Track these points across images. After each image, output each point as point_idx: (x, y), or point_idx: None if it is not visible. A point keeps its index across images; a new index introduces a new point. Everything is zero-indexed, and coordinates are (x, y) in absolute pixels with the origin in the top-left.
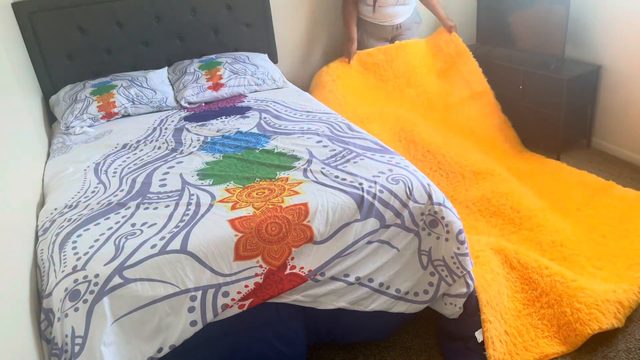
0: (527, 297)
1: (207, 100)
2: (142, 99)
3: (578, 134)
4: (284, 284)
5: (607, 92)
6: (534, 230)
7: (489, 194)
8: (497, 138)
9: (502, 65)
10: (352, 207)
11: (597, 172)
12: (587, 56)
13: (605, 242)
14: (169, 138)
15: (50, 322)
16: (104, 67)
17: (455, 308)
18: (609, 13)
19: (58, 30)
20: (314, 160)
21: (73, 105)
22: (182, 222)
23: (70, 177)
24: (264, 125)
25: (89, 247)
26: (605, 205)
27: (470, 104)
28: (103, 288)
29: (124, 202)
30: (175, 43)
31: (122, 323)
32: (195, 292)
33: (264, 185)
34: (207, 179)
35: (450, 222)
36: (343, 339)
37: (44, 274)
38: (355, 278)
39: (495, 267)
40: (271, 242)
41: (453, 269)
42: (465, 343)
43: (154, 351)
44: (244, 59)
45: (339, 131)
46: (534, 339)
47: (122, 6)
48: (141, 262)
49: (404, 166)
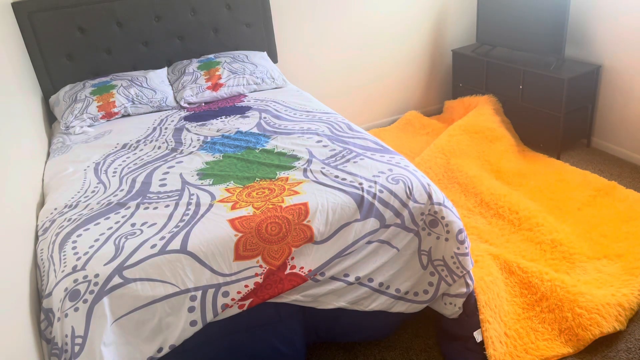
0: (527, 301)
1: (207, 100)
2: (142, 99)
3: (578, 134)
4: (284, 284)
5: (607, 92)
6: (533, 230)
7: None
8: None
9: (502, 65)
10: (352, 207)
11: (597, 172)
12: (587, 56)
13: (605, 242)
14: (169, 138)
15: (50, 322)
16: (104, 67)
17: (455, 308)
18: (609, 13)
19: (58, 30)
20: (314, 160)
21: (73, 105)
22: (182, 222)
23: (70, 177)
24: (264, 125)
25: (89, 247)
26: (606, 205)
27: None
28: (103, 288)
29: (124, 202)
30: (175, 43)
31: (122, 323)
32: (195, 292)
33: (264, 185)
34: (207, 179)
35: (450, 222)
36: (343, 338)
37: (44, 274)
38: (355, 278)
39: (494, 271)
40: (271, 242)
41: (453, 269)
42: (465, 343)
43: (154, 351)
44: (242, 58)
45: (339, 131)
46: (534, 342)
47: (122, 6)
48: (141, 262)
49: (404, 166)
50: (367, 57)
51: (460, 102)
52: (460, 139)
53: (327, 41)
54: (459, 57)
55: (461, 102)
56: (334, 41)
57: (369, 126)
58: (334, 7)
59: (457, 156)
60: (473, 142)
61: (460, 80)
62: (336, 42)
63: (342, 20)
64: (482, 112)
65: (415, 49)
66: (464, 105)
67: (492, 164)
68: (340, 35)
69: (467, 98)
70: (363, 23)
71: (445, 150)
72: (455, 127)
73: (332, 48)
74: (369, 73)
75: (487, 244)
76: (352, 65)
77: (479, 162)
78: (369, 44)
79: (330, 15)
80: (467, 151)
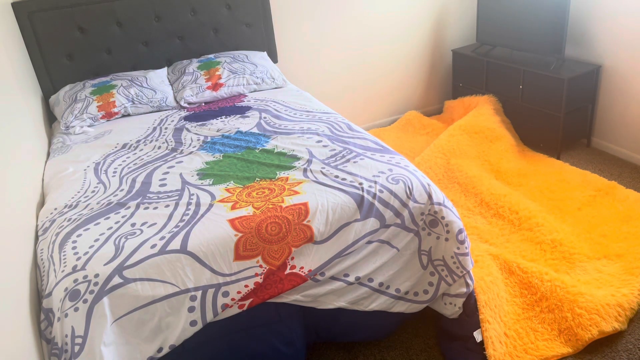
0: (526, 302)
1: (207, 100)
2: (142, 99)
3: (578, 134)
4: (284, 284)
5: (607, 92)
6: (533, 230)
7: (488, 197)
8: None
9: (502, 65)
10: (352, 207)
11: (597, 171)
12: (587, 56)
13: (605, 242)
14: (169, 138)
15: (50, 322)
16: (104, 67)
17: (455, 308)
18: (609, 13)
19: (58, 30)
20: (314, 160)
21: (73, 105)
22: (182, 222)
23: (70, 176)
24: (264, 125)
25: (89, 247)
26: (606, 205)
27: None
28: (103, 288)
29: (124, 201)
30: (175, 43)
31: (122, 323)
32: (195, 292)
33: (264, 185)
34: (207, 179)
35: (450, 222)
36: (343, 338)
37: (44, 274)
38: (355, 278)
39: (494, 271)
40: (271, 242)
41: (453, 269)
42: (465, 343)
43: (154, 351)
44: (242, 58)
45: (339, 131)
46: (534, 342)
47: (122, 6)
48: (141, 262)
49: (404, 166)
50: (367, 57)
51: (460, 102)
52: (460, 139)
53: (327, 41)
54: (459, 57)
55: (461, 102)
56: (334, 41)
57: (369, 126)
58: (334, 7)
59: (457, 156)
60: (473, 142)
61: (460, 80)
62: (336, 42)
63: (342, 20)
64: (482, 112)
65: (415, 49)
66: (464, 105)
67: (492, 164)
68: (340, 35)
69: (467, 98)
70: (363, 23)
71: (445, 150)
72: (455, 127)
73: (332, 48)
74: (369, 73)
75: (487, 244)
76: (352, 65)
77: (479, 162)
78: (369, 44)
79: (330, 15)
80: (467, 151)
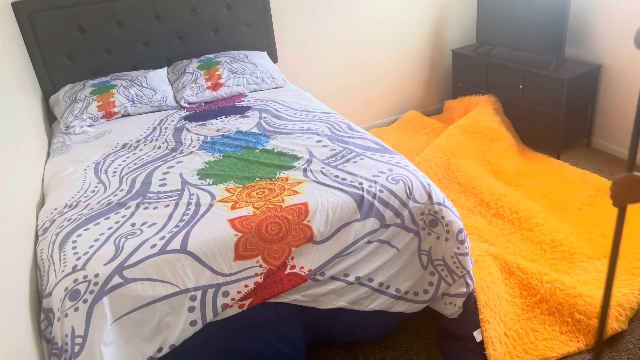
0: (526, 303)
1: (207, 100)
2: (142, 99)
3: (578, 134)
4: (284, 284)
5: (607, 92)
6: (533, 230)
7: (488, 197)
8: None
9: (502, 65)
10: (352, 207)
11: (597, 171)
12: (587, 56)
13: (605, 242)
14: (169, 138)
15: (50, 321)
16: (104, 67)
17: (455, 308)
18: (609, 13)
19: (58, 30)
20: (314, 160)
21: (73, 105)
22: (182, 222)
23: (70, 176)
24: (264, 125)
25: (89, 247)
26: (606, 205)
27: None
28: (103, 288)
29: (124, 201)
30: (175, 43)
31: (122, 323)
32: (195, 292)
33: (264, 185)
34: (207, 179)
35: (450, 222)
36: (343, 338)
37: (44, 274)
38: (355, 278)
39: (494, 271)
40: (271, 242)
41: (453, 269)
42: (465, 343)
43: (154, 351)
44: (242, 58)
45: (339, 131)
46: (534, 342)
47: (122, 6)
48: (141, 262)
49: (404, 166)
50: (367, 57)
51: (460, 102)
52: (460, 138)
53: (327, 41)
54: (459, 57)
55: (461, 102)
56: (334, 41)
57: (369, 126)
58: (334, 7)
59: (457, 156)
60: (473, 142)
61: (460, 80)
62: (336, 42)
63: (342, 20)
64: (482, 112)
65: (415, 49)
66: (464, 105)
67: (492, 164)
68: (340, 35)
69: (467, 98)
70: (363, 23)
71: (445, 150)
72: (455, 127)
73: (332, 48)
74: (369, 73)
75: (487, 244)
76: (352, 65)
77: (479, 162)
78: (369, 44)
79: (330, 15)
80: (467, 151)
